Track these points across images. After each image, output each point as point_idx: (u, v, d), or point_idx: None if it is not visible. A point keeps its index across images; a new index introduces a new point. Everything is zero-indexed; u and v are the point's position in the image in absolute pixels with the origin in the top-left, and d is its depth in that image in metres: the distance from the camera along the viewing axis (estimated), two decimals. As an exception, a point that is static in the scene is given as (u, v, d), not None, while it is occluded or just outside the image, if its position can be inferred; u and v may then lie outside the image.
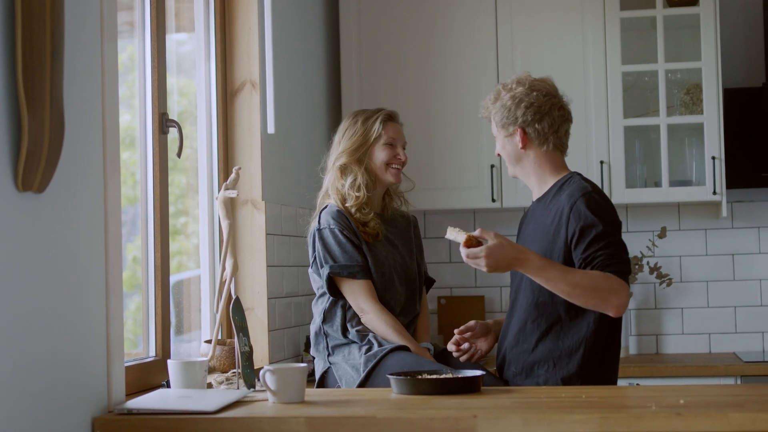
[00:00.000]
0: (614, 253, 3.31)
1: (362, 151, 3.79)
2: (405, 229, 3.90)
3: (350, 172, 3.77)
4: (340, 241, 3.66)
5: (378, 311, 3.63)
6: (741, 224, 5.35)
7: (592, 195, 3.39)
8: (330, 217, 3.71)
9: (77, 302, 2.68)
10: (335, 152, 3.85)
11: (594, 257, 3.30)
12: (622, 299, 3.26)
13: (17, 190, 2.42)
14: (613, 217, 3.40)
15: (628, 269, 3.32)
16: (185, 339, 3.94)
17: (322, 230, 3.70)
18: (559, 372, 3.38)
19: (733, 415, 2.48)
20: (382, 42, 5.25)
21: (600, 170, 5.02)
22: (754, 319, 5.33)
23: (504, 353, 3.52)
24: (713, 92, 5.00)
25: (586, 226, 3.33)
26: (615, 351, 3.47)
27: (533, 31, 5.15)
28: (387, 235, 3.80)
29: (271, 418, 2.70)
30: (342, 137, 3.84)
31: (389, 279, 3.71)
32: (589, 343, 3.37)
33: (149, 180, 3.55)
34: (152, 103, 3.57)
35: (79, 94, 2.70)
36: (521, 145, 3.50)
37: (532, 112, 3.49)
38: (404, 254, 3.83)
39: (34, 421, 2.47)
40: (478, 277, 5.45)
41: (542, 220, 3.48)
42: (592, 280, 3.25)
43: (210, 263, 4.07)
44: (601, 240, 3.31)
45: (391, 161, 3.80)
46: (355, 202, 3.74)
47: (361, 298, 3.65)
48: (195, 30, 4.11)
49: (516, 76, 3.58)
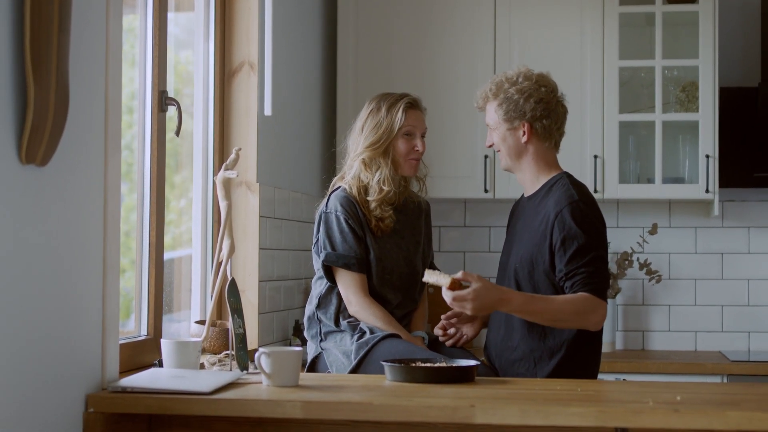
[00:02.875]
0: (594, 271, 3.34)
1: (387, 143, 3.70)
2: (415, 217, 3.84)
3: (377, 166, 3.69)
4: (343, 230, 3.63)
5: (365, 305, 3.60)
6: (731, 223, 5.36)
7: (578, 204, 3.40)
8: (338, 202, 3.67)
9: (74, 278, 2.66)
10: (358, 140, 3.75)
11: (575, 274, 3.34)
12: (599, 316, 3.34)
13: (20, 163, 2.40)
14: (597, 227, 3.41)
15: (606, 285, 3.38)
16: (174, 318, 3.92)
17: (329, 214, 3.67)
18: (539, 372, 3.40)
19: (731, 414, 2.48)
20: (380, 29, 5.23)
21: (594, 165, 5.02)
22: (740, 318, 5.35)
23: (490, 345, 3.56)
24: (709, 90, 5.00)
25: (569, 237, 3.36)
26: (596, 355, 3.50)
27: (531, 23, 5.14)
28: (396, 226, 3.74)
29: (267, 400, 2.69)
30: (365, 124, 3.74)
31: (389, 273, 3.67)
32: (571, 345, 3.39)
33: (146, 157, 3.52)
34: (152, 81, 3.54)
35: (82, 69, 2.67)
36: (525, 140, 3.50)
37: (542, 108, 3.49)
38: (409, 246, 3.78)
39: (28, 397, 2.45)
40: (467, 267, 5.45)
41: (531, 222, 3.50)
42: (573, 305, 3.30)
43: (202, 243, 4.04)
44: (583, 255, 3.34)
45: (409, 153, 3.71)
46: (379, 196, 3.67)
47: (350, 290, 3.62)
48: (194, 9, 4.08)
49: (517, 69, 3.57)
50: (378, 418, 2.64)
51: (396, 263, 3.71)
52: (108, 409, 2.71)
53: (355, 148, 3.75)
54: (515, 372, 3.44)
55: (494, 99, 3.54)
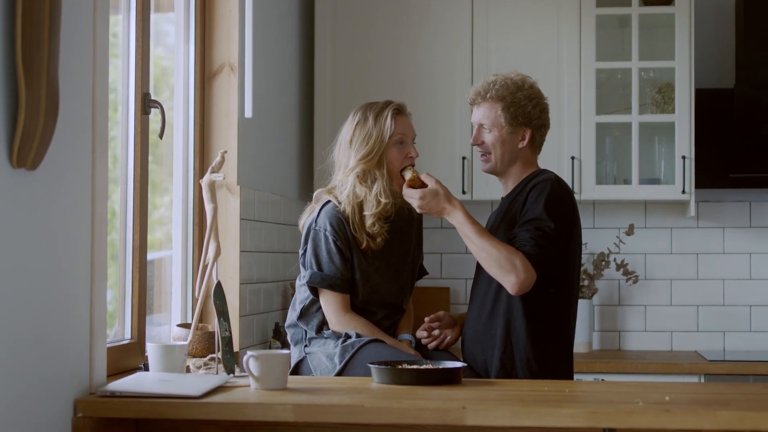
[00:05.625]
0: (536, 238, 3.34)
1: (380, 154, 3.61)
2: (407, 225, 3.76)
3: (372, 178, 3.61)
4: (330, 250, 3.57)
5: (345, 322, 3.56)
6: (706, 224, 5.40)
7: (554, 187, 3.44)
8: (328, 220, 3.58)
9: (62, 282, 2.64)
10: (348, 154, 3.64)
11: (516, 235, 3.38)
12: (520, 279, 3.31)
13: (11, 167, 2.38)
14: (564, 212, 3.42)
15: (541, 260, 3.33)
16: (154, 321, 3.90)
17: (318, 231, 3.59)
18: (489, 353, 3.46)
19: (721, 413, 2.50)
20: (357, 31, 5.23)
21: (571, 166, 5.04)
22: (715, 318, 5.39)
23: (466, 327, 3.61)
24: (685, 92, 5.04)
25: (531, 207, 3.40)
26: (565, 361, 3.51)
27: (509, 24, 5.16)
28: (386, 242, 3.66)
29: (257, 404, 2.69)
30: (353, 137, 3.64)
31: (376, 291, 3.65)
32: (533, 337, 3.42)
33: (129, 160, 3.51)
34: (135, 83, 3.52)
35: (70, 72, 2.66)
36: (522, 146, 3.55)
37: (545, 118, 3.58)
38: (398, 260, 3.72)
39: (17, 402, 2.44)
40: (444, 269, 5.46)
41: (507, 213, 3.53)
42: (499, 252, 3.32)
43: (183, 245, 4.03)
44: (534, 225, 3.36)
45: (403, 161, 3.62)
46: (377, 209, 3.58)
47: (331, 309, 3.59)
48: (174, 10, 4.06)
49: (517, 74, 3.60)
50: (369, 421, 2.64)
51: (384, 280, 3.67)
52: (96, 413, 2.70)
53: (346, 162, 3.64)
54: (471, 348, 3.52)
55: (498, 101, 3.53)
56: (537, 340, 3.42)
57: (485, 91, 3.56)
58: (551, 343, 3.45)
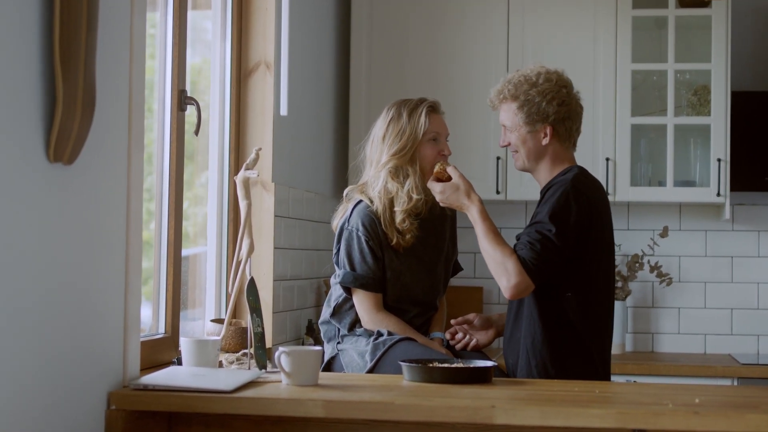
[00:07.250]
0: (533, 242, 3.30)
1: (413, 150, 3.61)
2: (440, 223, 3.76)
3: (405, 174, 3.61)
4: (363, 250, 3.58)
5: (377, 320, 3.58)
6: (741, 227, 5.37)
7: (566, 190, 3.36)
8: (360, 220, 3.59)
9: (97, 277, 2.68)
10: (381, 149, 3.64)
11: (519, 238, 3.37)
12: (511, 283, 3.29)
13: (48, 161, 2.42)
14: (572, 220, 3.33)
15: (536, 264, 3.28)
16: (188, 317, 3.93)
17: (351, 231, 3.60)
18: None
19: (751, 416, 2.49)
20: (393, 30, 5.24)
21: (605, 167, 5.04)
22: (749, 321, 5.36)
23: (503, 349, 3.59)
24: (721, 94, 5.02)
25: (539, 210, 3.38)
26: (585, 365, 3.45)
27: (545, 26, 5.16)
28: (418, 239, 3.66)
29: (288, 399, 2.71)
30: (386, 133, 3.63)
31: (408, 289, 3.66)
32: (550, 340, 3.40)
33: (165, 157, 3.54)
34: (172, 80, 3.55)
35: (107, 68, 2.69)
36: (546, 142, 3.47)
37: (565, 110, 3.47)
38: (431, 257, 3.73)
39: (52, 395, 2.47)
40: (477, 268, 5.46)
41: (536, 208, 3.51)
42: (495, 254, 3.34)
43: (218, 242, 4.06)
44: (535, 228, 3.33)
45: (436, 158, 3.61)
46: (408, 205, 3.59)
47: (364, 308, 3.61)
48: (212, 8, 4.09)
49: (534, 68, 3.52)
50: (399, 418, 2.66)
51: (416, 278, 3.68)
52: (130, 406, 2.73)
53: (379, 158, 3.64)
54: (505, 351, 3.53)
55: (513, 101, 3.48)
56: (553, 345, 3.37)
57: (500, 92, 3.53)
58: (569, 348, 3.39)
